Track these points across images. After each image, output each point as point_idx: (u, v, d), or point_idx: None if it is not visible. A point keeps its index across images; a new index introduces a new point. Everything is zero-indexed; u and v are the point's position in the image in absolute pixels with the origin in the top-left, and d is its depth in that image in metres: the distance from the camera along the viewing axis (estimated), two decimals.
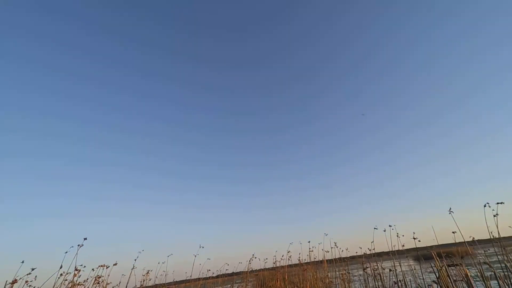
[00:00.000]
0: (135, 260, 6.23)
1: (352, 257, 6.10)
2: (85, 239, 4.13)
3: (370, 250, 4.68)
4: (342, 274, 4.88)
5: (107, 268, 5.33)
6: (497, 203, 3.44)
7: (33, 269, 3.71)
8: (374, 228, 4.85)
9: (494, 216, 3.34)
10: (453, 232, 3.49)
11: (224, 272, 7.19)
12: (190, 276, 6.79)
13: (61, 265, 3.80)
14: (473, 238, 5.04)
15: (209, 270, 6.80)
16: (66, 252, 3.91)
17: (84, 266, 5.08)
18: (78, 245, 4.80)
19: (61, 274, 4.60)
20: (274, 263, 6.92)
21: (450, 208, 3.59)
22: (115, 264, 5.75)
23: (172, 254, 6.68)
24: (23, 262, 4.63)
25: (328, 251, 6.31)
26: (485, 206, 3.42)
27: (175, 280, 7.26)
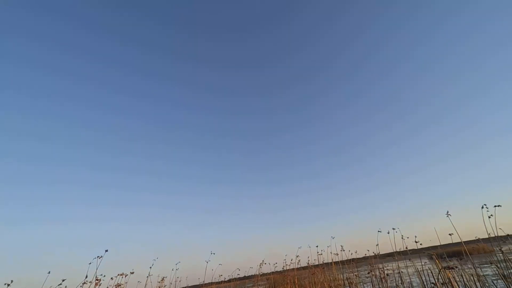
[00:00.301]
0: (150, 267, 6.54)
1: (365, 258, 6.23)
2: (106, 251, 4.44)
3: (375, 253, 4.84)
4: (349, 277, 5.04)
5: (125, 276, 5.65)
6: (495, 206, 3.59)
7: (63, 280, 4.03)
8: (378, 231, 5.02)
9: (489, 217, 3.48)
10: (450, 234, 3.65)
11: (235, 276, 7.42)
12: (203, 281, 7.05)
13: (86, 275, 4.12)
14: (478, 237, 5.17)
15: (221, 275, 7.06)
16: (90, 263, 4.22)
17: (104, 276, 5.41)
18: (98, 256, 5.13)
19: (84, 283, 4.93)
20: (283, 267, 7.11)
21: (448, 212, 3.75)
22: (132, 273, 6.07)
23: (180, 262, 6.95)
24: (49, 272, 4.98)
25: (338, 254, 6.46)
26: (482, 208, 3.57)
27: (188, 285, 7.53)
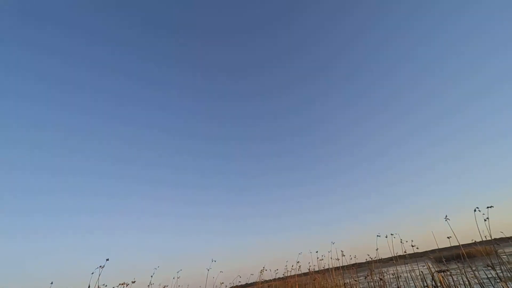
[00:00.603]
0: (152, 276, 6.57)
1: (368, 262, 6.26)
2: (107, 259, 4.50)
3: (372, 258, 4.88)
4: (349, 282, 5.07)
5: (126, 286, 5.67)
6: (487, 207, 3.64)
7: None
8: (377, 236, 5.08)
9: (485, 220, 3.54)
10: (448, 237, 3.70)
11: (237, 283, 7.42)
12: None
13: (89, 285, 4.16)
14: (474, 240, 5.20)
15: (222, 283, 7.05)
16: (92, 273, 4.28)
17: (106, 286, 5.44)
18: (100, 266, 5.17)
19: None
20: (284, 273, 7.12)
21: (446, 216, 3.81)
22: (133, 282, 6.10)
23: (181, 270, 6.96)
24: (52, 283, 5.03)
25: (338, 259, 6.50)
26: (475, 211, 3.63)
27: None
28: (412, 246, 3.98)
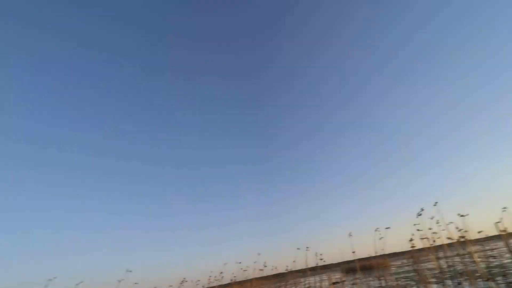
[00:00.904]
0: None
1: (293, 272, 6.60)
2: (55, 277, 3.59)
3: (288, 269, 5.22)
4: None
5: None
6: (386, 228, 4.35)
7: None
8: (297, 249, 5.47)
9: (380, 239, 4.20)
10: (352, 252, 4.24)
11: None
12: None
13: None
14: (370, 255, 6.08)
15: None
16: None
17: None
18: (49, 279, 4.10)
19: None
20: (203, 286, 6.97)
21: (350, 233, 4.38)
22: None
23: (82, 282, 6.11)
24: None
25: (262, 269, 6.70)
26: (375, 231, 4.28)
27: None
28: (320, 259, 4.42)
